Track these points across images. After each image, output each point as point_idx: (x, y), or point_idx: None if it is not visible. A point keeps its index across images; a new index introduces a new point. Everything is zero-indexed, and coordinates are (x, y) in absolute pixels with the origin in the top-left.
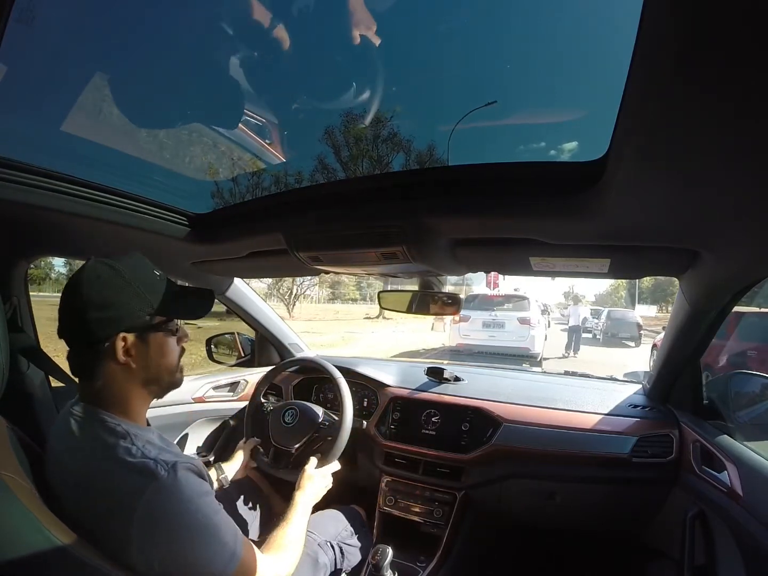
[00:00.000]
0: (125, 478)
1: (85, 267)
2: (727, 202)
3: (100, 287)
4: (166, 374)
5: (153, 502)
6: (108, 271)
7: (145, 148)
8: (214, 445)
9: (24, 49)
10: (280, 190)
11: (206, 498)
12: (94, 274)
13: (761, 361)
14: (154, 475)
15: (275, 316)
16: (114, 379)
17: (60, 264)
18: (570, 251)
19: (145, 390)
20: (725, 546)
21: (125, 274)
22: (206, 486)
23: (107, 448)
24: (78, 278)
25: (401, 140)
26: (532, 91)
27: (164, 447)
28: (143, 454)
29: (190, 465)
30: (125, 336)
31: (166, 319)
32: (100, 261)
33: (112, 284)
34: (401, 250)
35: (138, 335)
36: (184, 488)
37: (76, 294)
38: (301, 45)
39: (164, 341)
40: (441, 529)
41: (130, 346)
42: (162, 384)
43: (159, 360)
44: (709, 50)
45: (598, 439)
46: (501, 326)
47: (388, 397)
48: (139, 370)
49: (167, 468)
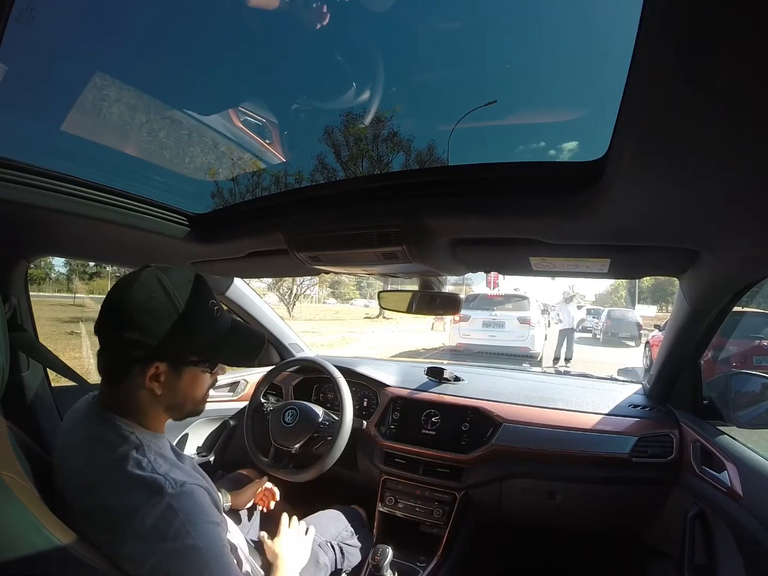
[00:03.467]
0: (131, 491)
1: (141, 277)
2: (726, 201)
3: (148, 309)
4: (190, 405)
5: (154, 518)
6: (162, 295)
7: (146, 148)
8: (214, 445)
9: (24, 49)
10: (280, 190)
11: (212, 527)
12: (147, 291)
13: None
14: (161, 492)
15: (275, 316)
16: (136, 396)
17: (60, 264)
18: (570, 251)
19: (166, 413)
20: (725, 546)
21: (179, 304)
22: (216, 515)
23: (117, 457)
24: (128, 287)
25: (401, 140)
26: (532, 90)
27: (176, 462)
28: (153, 468)
29: (200, 488)
30: (158, 365)
31: (206, 358)
32: (157, 277)
33: (163, 312)
34: (401, 250)
35: (172, 366)
36: (189, 509)
37: (122, 304)
38: (301, 45)
39: (199, 376)
40: (441, 529)
41: (161, 374)
42: (183, 411)
43: (188, 392)
44: (709, 50)
45: (598, 439)
46: (501, 326)
47: (388, 397)
48: (165, 397)
49: (175, 486)
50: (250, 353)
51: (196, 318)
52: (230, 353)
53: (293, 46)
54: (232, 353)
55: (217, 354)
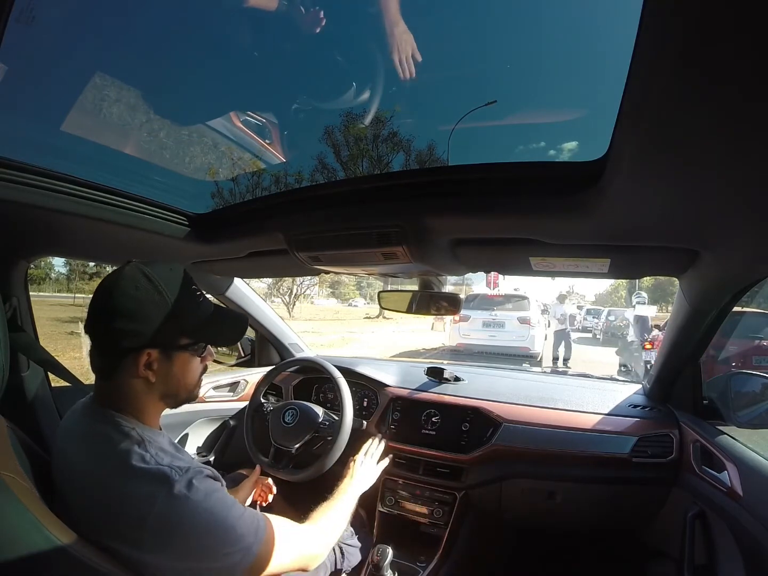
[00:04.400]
0: (139, 485)
1: (124, 271)
2: (727, 201)
3: (134, 298)
4: (184, 391)
5: (167, 508)
6: (147, 283)
7: (146, 148)
8: (214, 445)
9: (24, 49)
10: (280, 190)
11: (218, 494)
12: (132, 282)
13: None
14: (169, 482)
15: (275, 316)
16: (131, 387)
17: (60, 264)
18: (570, 251)
19: (162, 402)
20: (725, 546)
21: (164, 290)
22: (217, 485)
23: (121, 453)
24: (114, 282)
25: (401, 140)
26: (532, 90)
27: (176, 454)
28: (156, 461)
29: (203, 470)
30: (150, 352)
31: (195, 340)
32: (140, 269)
33: (149, 298)
34: (401, 250)
35: (163, 352)
36: (197, 492)
37: (109, 298)
38: (301, 45)
39: (189, 360)
40: (441, 529)
41: (153, 361)
42: (179, 399)
43: (180, 377)
44: (709, 50)
45: (598, 439)
46: (501, 326)
47: (388, 397)
48: (159, 385)
49: (181, 474)
50: (234, 334)
51: (181, 303)
52: (215, 335)
53: (293, 46)
54: (218, 335)
55: (203, 336)
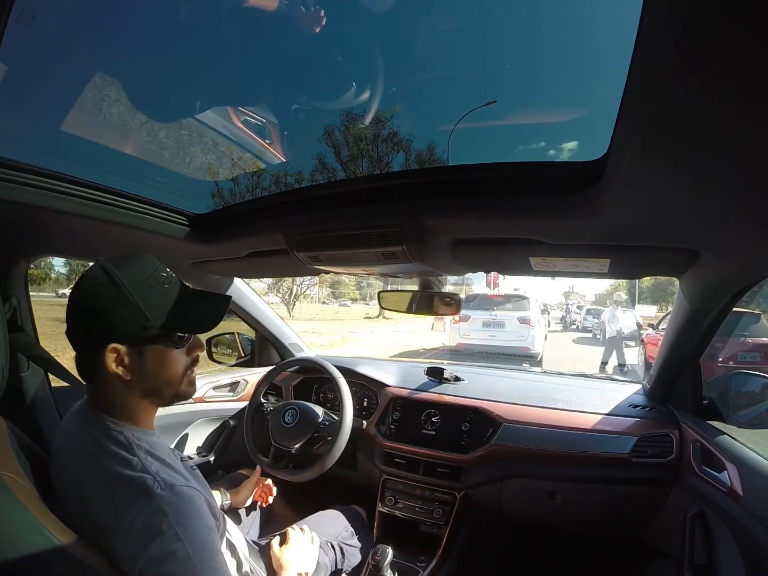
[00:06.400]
0: (121, 491)
1: (87, 271)
2: (726, 201)
3: (93, 294)
4: (167, 386)
5: (143, 519)
6: (103, 277)
7: (145, 148)
8: (214, 445)
9: (24, 49)
10: (280, 190)
11: (203, 531)
12: (91, 279)
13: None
14: (149, 492)
15: (275, 316)
16: (110, 387)
17: (60, 264)
18: (570, 251)
19: (146, 400)
20: (725, 546)
21: (120, 280)
22: (209, 519)
23: (108, 457)
24: (79, 281)
25: (401, 140)
26: (532, 90)
27: (168, 463)
28: (143, 467)
29: (193, 490)
30: (116, 347)
31: (162, 331)
32: (101, 265)
33: (105, 292)
34: (401, 250)
35: (132, 347)
36: (178, 512)
37: (75, 298)
38: (301, 45)
39: (164, 353)
40: (441, 529)
41: (123, 356)
42: (164, 396)
43: (158, 372)
44: (709, 50)
45: (598, 439)
46: (501, 326)
47: (388, 397)
48: (136, 382)
49: (164, 487)
50: (205, 318)
51: (142, 294)
52: (181, 321)
53: (293, 46)
54: (183, 321)
55: (169, 326)
